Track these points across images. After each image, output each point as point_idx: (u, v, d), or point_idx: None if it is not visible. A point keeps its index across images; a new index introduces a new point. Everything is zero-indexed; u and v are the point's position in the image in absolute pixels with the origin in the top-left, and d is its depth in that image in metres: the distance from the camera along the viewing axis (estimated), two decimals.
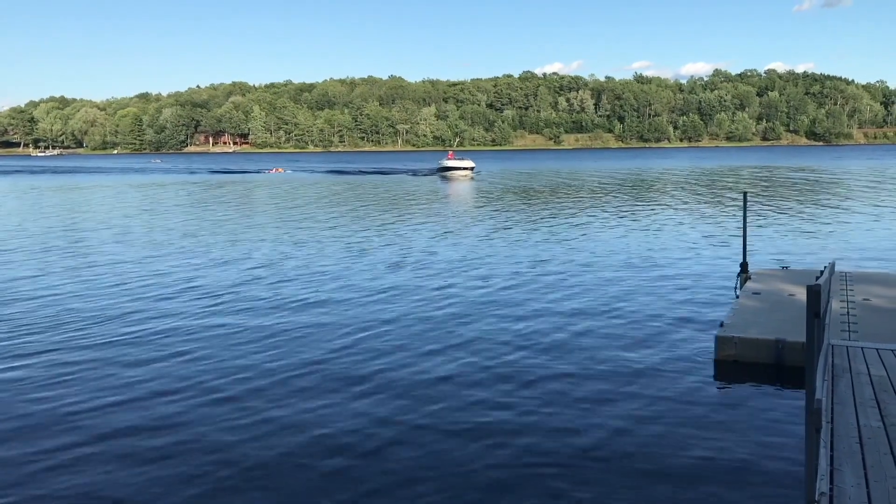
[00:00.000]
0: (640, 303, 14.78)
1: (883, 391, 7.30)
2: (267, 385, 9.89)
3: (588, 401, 9.23)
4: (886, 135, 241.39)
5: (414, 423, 8.47)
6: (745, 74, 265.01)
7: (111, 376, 10.32)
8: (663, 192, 49.63)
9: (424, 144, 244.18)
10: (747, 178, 65.96)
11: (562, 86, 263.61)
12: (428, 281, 17.39)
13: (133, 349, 11.69)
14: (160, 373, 10.46)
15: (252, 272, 18.90)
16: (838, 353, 9.03)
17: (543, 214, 34.00)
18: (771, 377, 9.99)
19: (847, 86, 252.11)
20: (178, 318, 13.83)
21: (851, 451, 5.52)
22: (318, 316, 13.86)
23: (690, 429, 8.24)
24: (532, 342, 11.94)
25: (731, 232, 25.50)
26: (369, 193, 49.48)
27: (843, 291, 13.53)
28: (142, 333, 12.68)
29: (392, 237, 25.77)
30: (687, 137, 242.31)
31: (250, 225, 30.72)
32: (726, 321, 11.56)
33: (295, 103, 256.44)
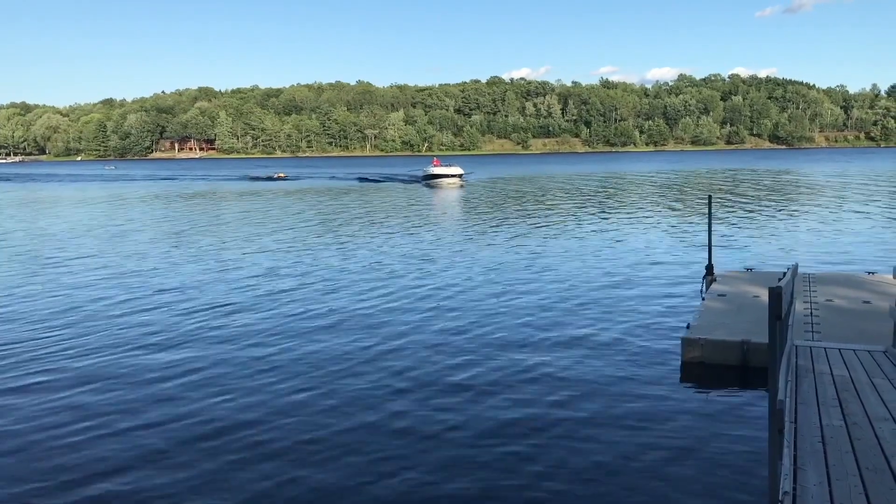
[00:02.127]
0: (606, 305, 14.87)
1: (845, 391, 7.39)
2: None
3: (553, 401, 9.26)
4: (847, 138, 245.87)
5: (384, 426, 8.43)
6: (709, 79, 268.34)
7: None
8: (631, 196, 50.05)
9: (393, 149, 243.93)
10: (712, 181, 66.76)
11: (529, 91, 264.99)
12: (399, 289, 17.35)
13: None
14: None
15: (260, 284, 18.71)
16: (802, 354, 9.14)
17: (525, 219, 34.10)
18: (736, 378, 10.10)
19: (808, 90, 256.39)
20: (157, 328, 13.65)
21: (814, 450, 5.58)
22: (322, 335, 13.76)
23: (656, 429, 8.30)
24: (499, 345, 11.94)
25: (697, 235, 25.78)
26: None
27: (807, 292, 13.73)
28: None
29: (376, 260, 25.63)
30: (653, 142, 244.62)
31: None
32: (692, 323, 11.67)
33: (262, 108, 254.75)
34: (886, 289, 13.64)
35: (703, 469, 7.21)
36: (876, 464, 5.26)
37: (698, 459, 7.44)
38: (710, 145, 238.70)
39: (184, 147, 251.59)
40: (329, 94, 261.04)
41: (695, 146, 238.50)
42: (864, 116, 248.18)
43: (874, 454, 5.48)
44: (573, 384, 9.97)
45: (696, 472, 7.14)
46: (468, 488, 6.94)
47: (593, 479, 7.08)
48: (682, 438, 8.01)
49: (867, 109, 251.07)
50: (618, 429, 8.36)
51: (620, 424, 8.49)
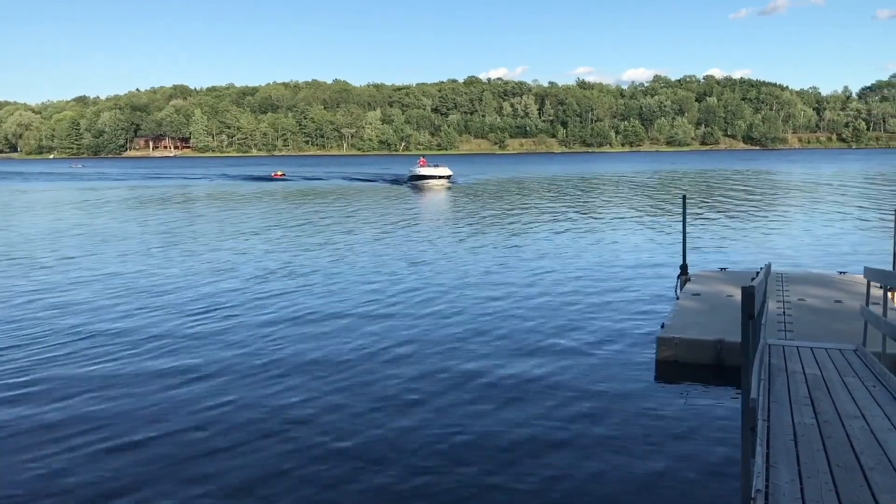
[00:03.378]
0: (581, 305, 14.93)
1: (817, 389, 7.48)
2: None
3: (527, 401, 9.28)
4: (819, 139, 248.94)
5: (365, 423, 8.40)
6: (684, 80, 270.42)
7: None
8: (607, 196, 50.35)
9: (370, 148, 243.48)
10: (687, 182, 67.31)
11: (506, 91, 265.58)
12: (380, 289, 17.31)
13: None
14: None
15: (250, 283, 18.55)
16: (775, 353, 9.24)
17: (503, 220, 34.17)
18: (711, 377, 10.18)
19: (782, 92, 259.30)
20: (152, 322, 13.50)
21: (786, 448, 5.64)
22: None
23: (630, 428, 8.34)
24: (474, 343, 11.95)
25: (672, 235, 25.96)
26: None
27: (780, 292, 13.88)
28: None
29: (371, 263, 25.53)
30: (628, 142, 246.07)
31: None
32: (667, 322, 11.75)
33: (237, 107, 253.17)
34: (857, 288, 13.82)
35: (677, 467, 7.26)
36: (846, 461, 5.33)
37: (672, 457, 7.49)
38: (684, 146, 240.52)
39: (158, 145, 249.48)
40: (306, 93, 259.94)
41: (670, 147, 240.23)
42: (836, 118, 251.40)
43: (844, 451, 5.54)
44: (547, 383, 9.99)
45: (669, 471, 7.18)
46: (440, 491, 6.93)
47: (567, 478, 7.10)
48: (656, 437, 8.06)
49: (839, 111, 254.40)
50: (592, 427, 8.39)
51: (595, 423, 8.52)
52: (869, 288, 10.60)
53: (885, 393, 7.30)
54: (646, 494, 6.72)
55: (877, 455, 5.45)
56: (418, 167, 72.20)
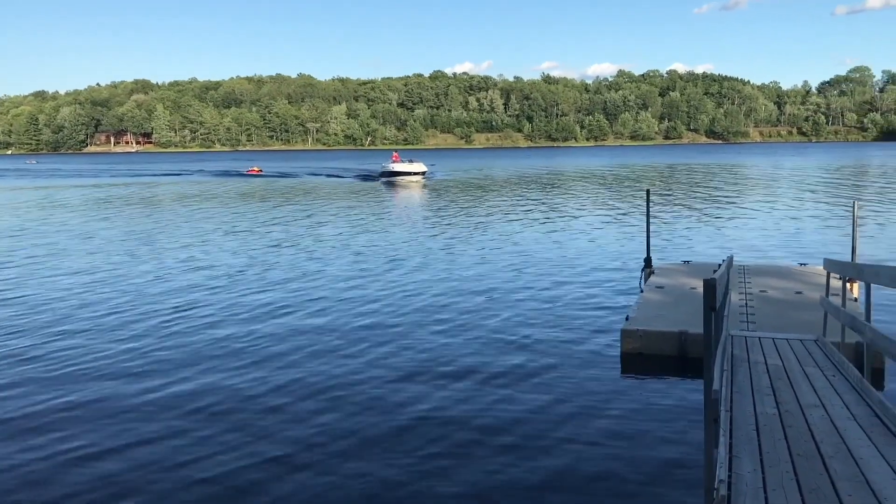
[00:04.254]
0: (546, 298, 14.99)
1: (778, 379, 7.58)
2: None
3: (492, 393, 9.31)
4: (780, 133, 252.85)
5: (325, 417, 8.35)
6: (647, 75, 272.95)
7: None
8: (573, 190, 50.64)
9: (336, 143, 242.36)
10: (651, 175, 67.94)
11: (471, 85, 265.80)
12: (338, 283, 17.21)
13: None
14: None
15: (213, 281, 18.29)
16: (737, 344, 9.35)
17: (469, 214, 34.17)
18: (675, 368, 10.27)
19: (743, 86, 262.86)
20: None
21: (749, 438, 5.70)
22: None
23: (595, 420, 8.39)
24: (437, 337, 11.93)
25: (636, 228, 26.17)
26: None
27: (742, 284, 14.06)
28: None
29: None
30: (593, 137, 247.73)
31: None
32: (631, 315, 11.84)
33: (200, 101, 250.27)
34: (817, 280, 14.04)
35: (641, 458, 7.31)
36: (807, 450, 5.40)
37: (636, 449, 7.54)
38: (648, 140, 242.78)
39: (120, 141, 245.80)
40: (269, 87, 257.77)
41: (634, 141, 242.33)
42: (797, 112, 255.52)
43: (805, 440, 5.62)
44: (513, 375, 10.01)
45: (633, 462, 7.23)
46: (407, 485, 6.90)
47: (531, 470, 7.11)
48: (621, 428, 8.11)
49: (799, 105, 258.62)
50: (556, 419, 8.42)
51: (559, 415, 8.55)
52: (828, 279, 10.78)
53: (844, 382, 7.42)
54: (609, 485, 6.75)
55: (835, 443, 5.54)
56: (391, 163, 67.63)
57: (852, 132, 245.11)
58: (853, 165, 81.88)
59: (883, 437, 5.68)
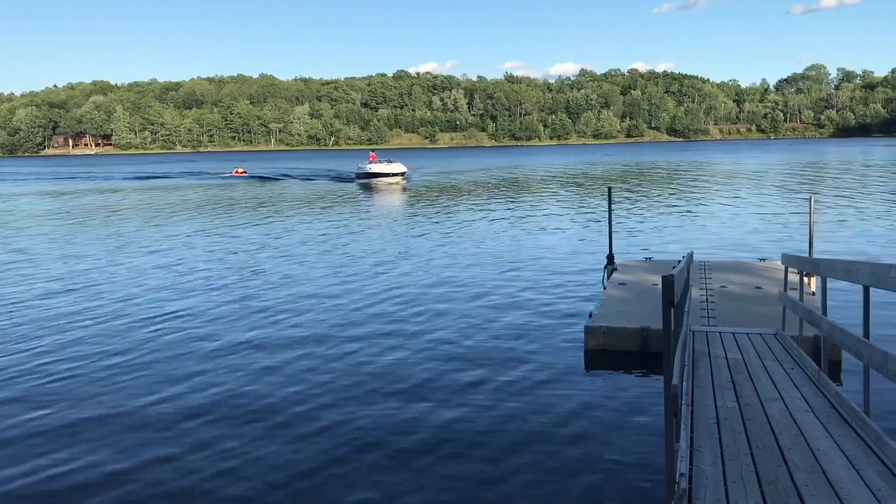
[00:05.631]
0: (511, 296, 15.04)
1: (738, 373, 7.69)
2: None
3: (456, 390, 9.32)
4: (739, 130, 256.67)
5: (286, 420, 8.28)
6: (609, 74, 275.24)
7: None
8: (535, 189, 50.89)
9: (299, 144, 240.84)
10: (613, 173, 68.52)
11: (435, 85, 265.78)
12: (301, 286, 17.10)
13: None
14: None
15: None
16: (698, 339, 9.47)
17: (431, 213, 34.13)
18: (637, 364, 10.36)
19: (703, 84, 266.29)
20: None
21: (710, 431, 5.77)
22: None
23: (559, 415, 8.43)
24: (401, 336, 11.91)
25: (599, 226, 26.38)
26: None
27: (703, 279, 14.23)
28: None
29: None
30: (556, 135, 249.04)
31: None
32: (594, 311, 11.93)
33: (161, 102, 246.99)
34: (776, 275, 14.26)
35: (604, 453, 7.36)
36: (766, 442, 5.48)
37: (599, 443, 7.59)
38: (611, 138, 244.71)
39: (78, 143, 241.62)
40: (231, 88, 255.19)
41: (596, 139, 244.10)
42: (755, 109, 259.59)
43: (764, 433, 5.71)
44: (478, 373, 10.02)
45: (596, 457, 7.28)
46: (367, 485, 6.88)
47: (494, 466, 7.11)
48: (585, 423, 8.16)
49: (758, 103, 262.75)
50: (520, 415, 8.45)
51: (523, 411, 8.58)
52: (787, 274, 10.95)
53: (803, 375, 7.55)
54: (573, 479, 6.79)
55: (794, 435, 5.63)
56: (368, 163, 64.32)
57: (809, 129, 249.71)
58: (810, 162, 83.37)
59: (839, 428, 5.79)
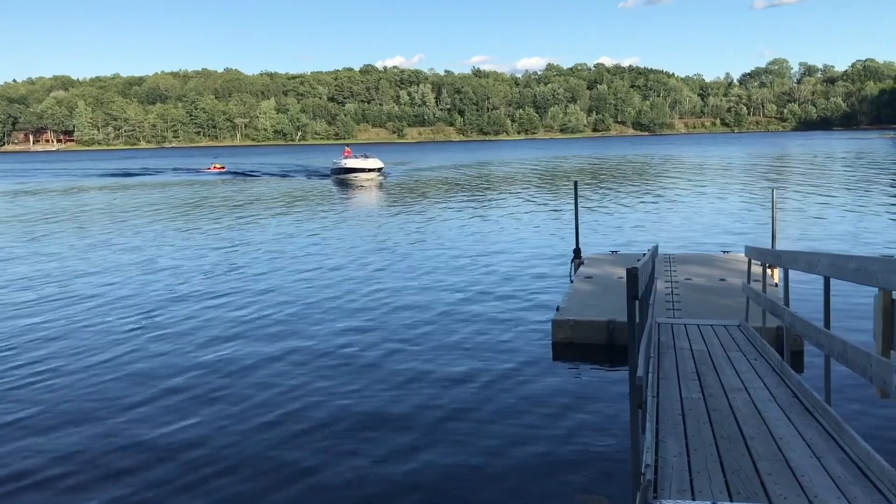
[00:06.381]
0: (479, 290, 15.06)
1: (702, 364, 7.77)
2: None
3: (425, 383, 9.33)
4: (704, 124, 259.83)
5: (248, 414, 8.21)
6: (575, 68, 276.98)
7: None
8: (503, 184, 51.01)
9: (265, 139, 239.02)
10: (579, 167, 68.92)
11: (402, 79, 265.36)
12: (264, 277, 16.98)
13: None
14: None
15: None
16: (664, 331, 9.56)
17: (400, 209, 34.03)
18: (604, 356, 10.43)
19: (668, 78, 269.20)
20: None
21: (675, 422, 5.82)
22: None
23: (525, 408, 8.47)
24: (370, 331, 11.88)
25: (566, 220, 26.51)
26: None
27: (668, 272, 14.37)
28: None
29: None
30: (524, 130, 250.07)
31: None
32: (562, 305, 11.99)
33: (124, 97, 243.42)
34: (739, 266, 14.44)
35: (571, 445, 7.39)
36: (730, 432, 5.55)
37: (566, 436, 7.63)
38: (577, 133, 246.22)
39: (39, 139, 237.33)
40: (195, 82, 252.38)
41: (563, 134, 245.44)
42: (720, 103, 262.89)
43: (728, 423, 5.77)
44: (446, 367, 10.02)
45: (563, 449, 7.31)
46: (339, 476, 6.85)
47: (462, 459, 7.12)
48: (552, 416, 8.20)
49: (722, 97, 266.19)
50: (488, 409, 8.46)
51: (491, 404, 8.60)
52: (750, 266, 11.10)
53: (766, 365, 7.65)
54: (539, 471, 6.81)
55: (757, 425, 5.70)
56: (343, 159, 62.40)
57: (772, 122, 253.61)
58: (773, 154, 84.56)
59: (801, 416, 5.87)
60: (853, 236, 21.30)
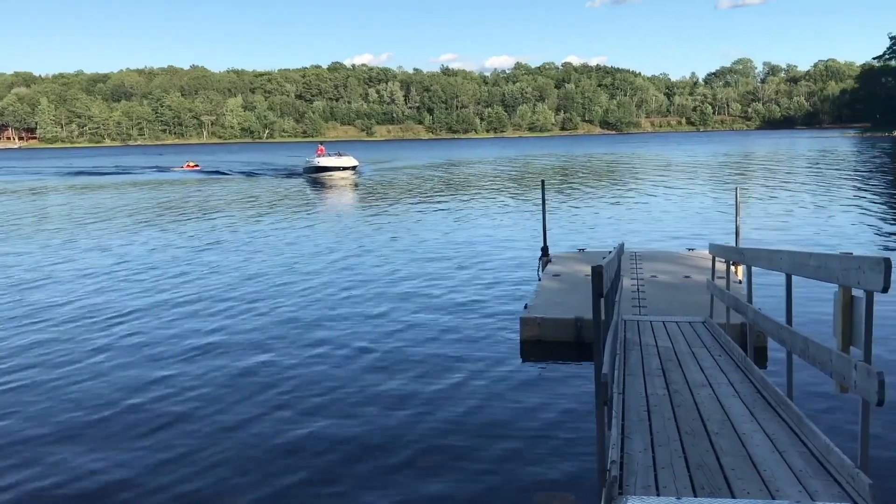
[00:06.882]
0: (447, 288, 15.07)
1: (668, 360, 7.85)
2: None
3: (394, 382, 9.29)
4: (670, 123, 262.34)
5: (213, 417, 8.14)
6: (543, 67, 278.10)
7: None
8: (470, 182, 51.09)
9: (232, 136, 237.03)
10: (548, 166, 69.23)
11: (371, 77, 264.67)
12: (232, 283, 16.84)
13: None
14: None
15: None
16: (630, 328, 9.64)
17: (370, 207, 33.93)
18: (572, 354, 10.49)
19: (635, 78, 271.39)
20: None
21: (640, 418, 5.88)
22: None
23: (493, 406, 8.49)
24: (337, 330, 11.83)
25: (534, 218, 26.61)
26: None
27: (634, 270, 14.48)
28: None
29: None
30: (492, 128, 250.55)
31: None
32: (530, 303, 12.03)
33: (88, 95, 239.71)
34: (704, 264, 14.58)
35: (538, 443, 7.42)
36: (694, 428, 5.61)
37: (533, 433, 7.65)
38: (545, 131, 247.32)
39: (0, 137, 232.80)
40: (161, 80, 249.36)
41: (532, 132, 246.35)
42: (685, 103, 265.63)
43: (692, 419, 5.84)
44: (414, 365, 10.01)
45: (530, 446, 7.33)
46: (307, 474, 6.81)
47: (427, 456, 7.11)
48: (519, 414, 8.22)
49: (687, 96, 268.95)
50: (456, 406, 8.47)
51: (459, 402, 8.61)
52: (714, 263, 11.23)
53: (730, 361, 7.75)
54: (507, 468, 6.83)
55: (720, 420, 5.77)
56: (316, 157, 61.52)
57: (737, 121, 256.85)
58: (738, 153, 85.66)
59: (764, 412, 5.96)
60: (815, 234, 21.64)
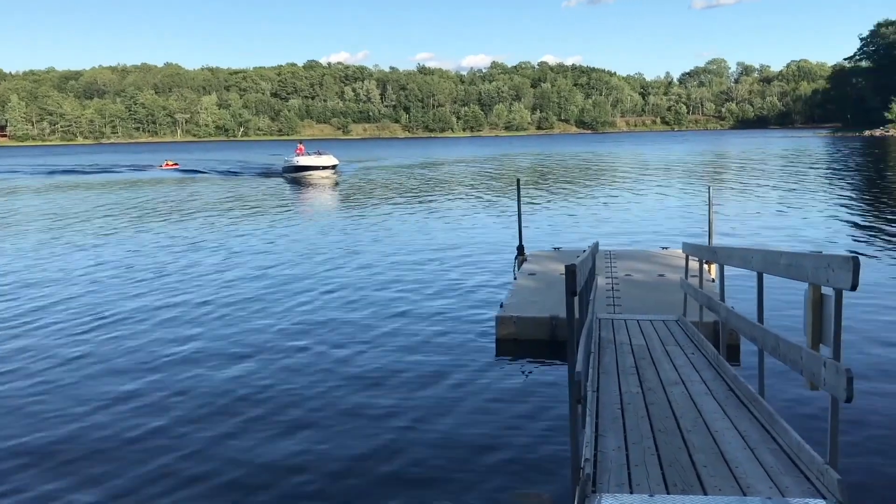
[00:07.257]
0: (422, 287, 15.05)
1: (642, 359, 7.90)
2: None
3: (369, 382, 9.28)
4: (645, 123, 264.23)
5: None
6: (520, 67, 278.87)
7: None
8: (446, 181, 51.12)
9: (206, 134, 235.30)
10: (524, 165, 69.44)
11: (347, 75, 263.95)
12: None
13: None
14: None
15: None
16: (604, 326, 9.70)
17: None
18: (547, 352, 10.50)
19: (610, 77, 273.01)
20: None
21: (614, 416, 5.91)
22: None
23: (468, 404, 8.48)
24: (315, 332, 11.78)
25: (509, 217, 26.67)
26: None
27: (608, 268, 14.56)
28: None
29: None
30: (469, 127, 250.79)
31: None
32: (505, 301, 12.05)
33: (60, 92, 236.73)
34: (678, 262, 14.70)
35: (512, 441, 7.42)
36: (667, 426, 5.65)
37: (507, 432, 7.66)
38: (522, 130, 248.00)
39: None
40: (135, 77, 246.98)
41: (508, 132, 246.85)
42: (660, 102, 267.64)
43: (666, 416, 5.88)
44: (389, 364, 9.99)
45: (504, 444, 7.34)
46: (280, 476, 6.77)
47: (402, 454, 7.10)
48: (494, 413, 8.22)
49: (662, 96, 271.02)
50: (431, 405, 8.46)
51: (434, 401, 8.59)
52: (687, 261, 11.32)
53: (703, 359, 7.82)
54: (481, 466, 6.83)
55: (693, 418, 5.82)
56: (295, 156, 59.34)
57: (711, 121, 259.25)
58: (712, 152, 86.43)
59: (736, 409, 6.01)
60: (788, 233, 21.89)
